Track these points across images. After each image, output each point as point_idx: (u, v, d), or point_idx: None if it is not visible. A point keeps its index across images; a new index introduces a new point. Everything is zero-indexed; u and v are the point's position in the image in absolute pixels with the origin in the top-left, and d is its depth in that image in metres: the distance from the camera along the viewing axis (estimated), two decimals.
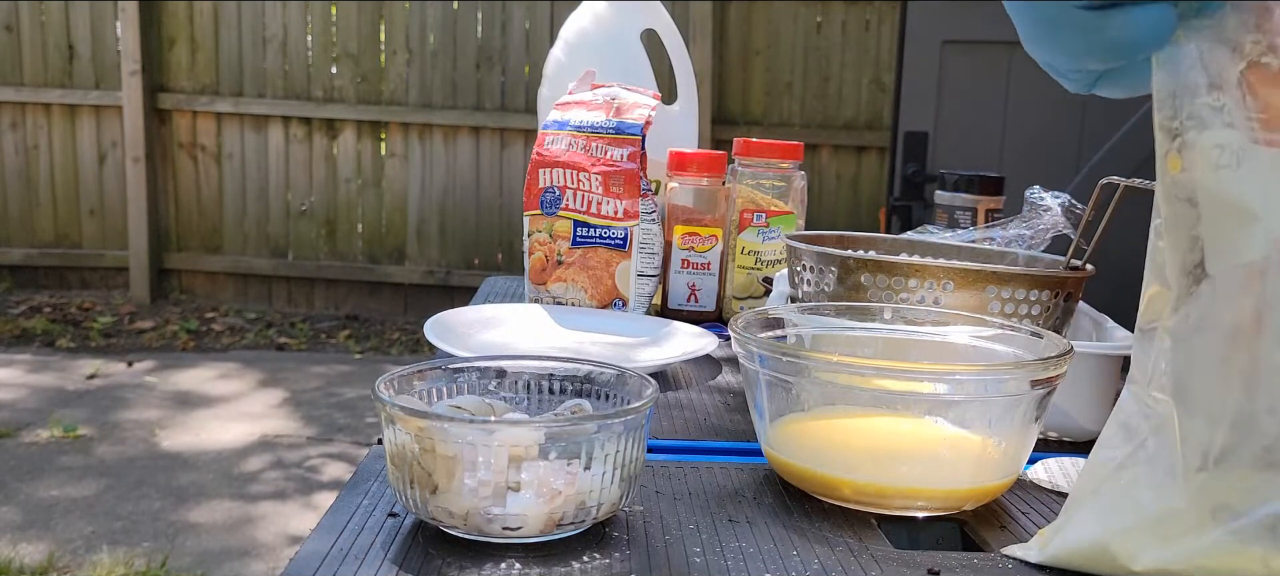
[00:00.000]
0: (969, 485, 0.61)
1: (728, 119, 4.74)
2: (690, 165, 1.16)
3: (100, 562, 2.40)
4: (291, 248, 4.91)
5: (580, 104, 1.14)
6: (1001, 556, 0.56)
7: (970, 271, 0.76)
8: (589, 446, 0.53)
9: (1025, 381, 0.59)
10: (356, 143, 4.83)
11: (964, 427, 0.61)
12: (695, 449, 0.74)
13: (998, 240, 0.91)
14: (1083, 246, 0.80)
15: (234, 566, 2.44)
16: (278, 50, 4.77)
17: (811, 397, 0.63)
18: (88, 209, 4.86)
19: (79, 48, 4.74)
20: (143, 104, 4.67)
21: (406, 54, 4.77)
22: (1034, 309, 0.76)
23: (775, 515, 0.61)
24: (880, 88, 4.72)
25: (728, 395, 0.88)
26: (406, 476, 0.54)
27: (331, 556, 0.53)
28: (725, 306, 1.18)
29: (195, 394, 3.69)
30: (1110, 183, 0.74)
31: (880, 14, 4.68)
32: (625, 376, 0.62)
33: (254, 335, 4.54)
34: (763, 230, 1.15)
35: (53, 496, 2.77)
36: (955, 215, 1.20)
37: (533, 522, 0.53)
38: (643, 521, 0.59)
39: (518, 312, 1.06)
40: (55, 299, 4.79)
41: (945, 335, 0.71)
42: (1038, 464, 0.71)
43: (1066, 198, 0.91)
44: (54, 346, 4.24)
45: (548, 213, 1.10)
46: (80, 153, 4.82)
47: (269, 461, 3.09)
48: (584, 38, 1.36)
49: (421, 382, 0.61)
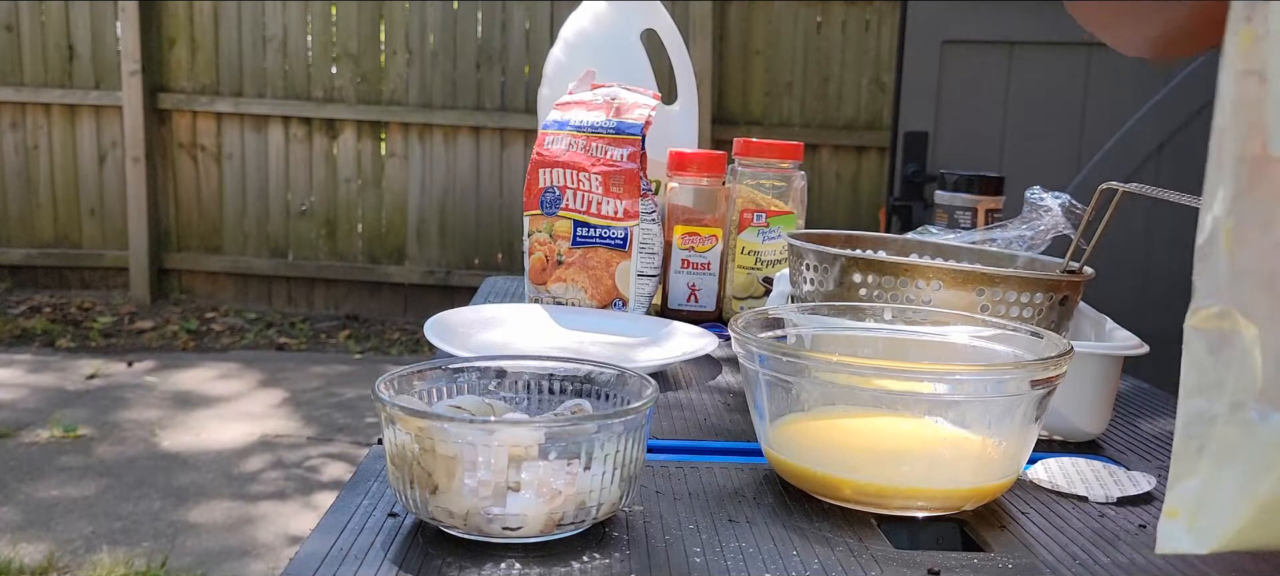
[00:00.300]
0: (969, 485, 0.61)
1: (728, 119, 4.74)
2: (690, 165, 1.16)
3: (100, 562, 2.40)
4: (291, 248, 4.91)
5: (580, 104, 1.14)
6: (1002, 556, 0.56)
7: (972, 273, 0.76)
8: (589, 446, 0.53)
9: (1025, 381, 0.59)
10: (356, 143, 4.83)
11: (964, 427, 0.61)
12: (695, 449, 0.74)
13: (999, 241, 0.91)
14: (1082, 246, 0.80)
15: (234, 566, 2.44)
16: (278, 50, 4.77)
17: (811, 397, 0.63)
18: (88, 209, 4.86)
19: (79, 48, 4.74)
20: (143, 104, 4.67)
21: (406, 54, 4.77)
22: (1027, 311, 0.76)
23: (775, 515, 0.61)
24: (880, 88, 4.72)
25: (728, 395, 0.88)
26: (406, 476, 0.54)
27: (331, 556, 0.53)
28: (725, 306, 1.18)
29: (195, 394, 3.69)
30: (1109, 188, 0.74)
31: (880, 14, 4.68)
32: (625, 376, 0.62)
33: (254, 335, 4.54)
34: (763, 230, 1.15)
35: (53, 496, 2.77)
36: (955, 215, 1.20)
37: (533, 522, 0.53)
38: (643, 521, 0.59)
39: (518, 313, 1.06)
40: (55, 299, 4.79)
41: (945, 335, 0.71)
42: (1038, 464, 0.71)
43: (1067, 198, 0.90)
44: (54, 346, 4.24)
45: (548, 213, 1.10)
46: (80, 153, 4.81)
47: (269, 461, 3.09)
48: (584, 38, 1.36)
49: (421, 382, 0.61)
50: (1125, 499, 0.66)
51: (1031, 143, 2.43)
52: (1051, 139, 2.42)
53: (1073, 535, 0.60)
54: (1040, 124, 2.43)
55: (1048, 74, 2.41)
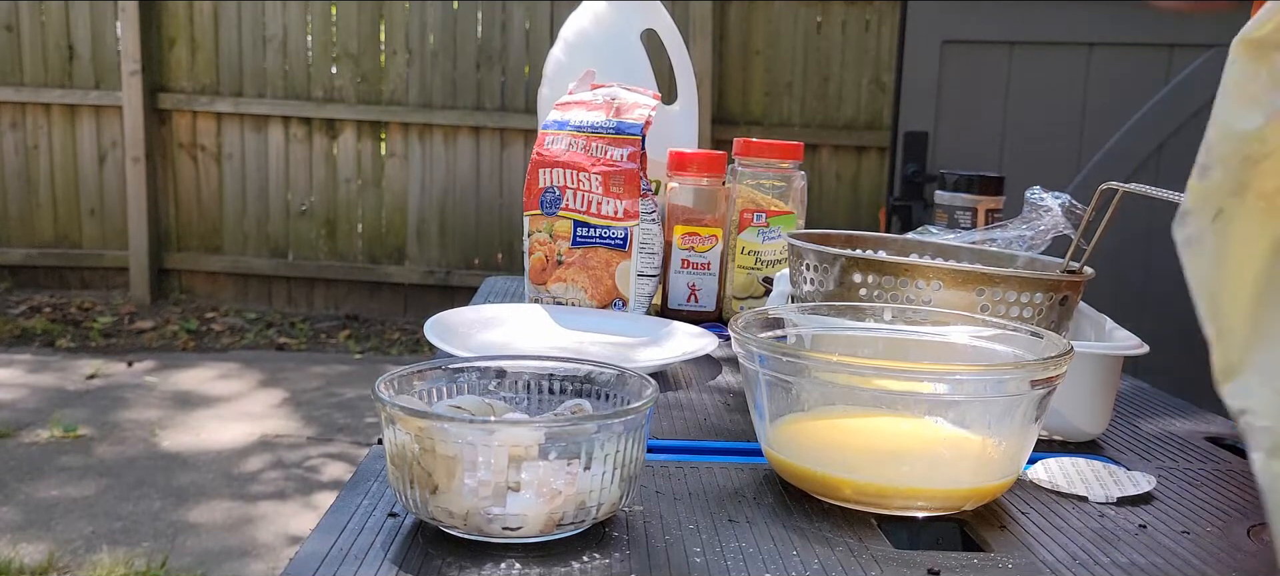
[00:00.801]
0: (969, 485, 0.61)
1: (728, 119, 4.74)
2: (690, 165, 1.16)
3: (100, 562, 2.40)
4: (291, 248, 4.91)
5: (580, 104, 1.14)
6: (1002, 556, 0.56)
7: (972, 273, 0.76)
8: (589, 446, 0.53)
9: (1025, 381, 0.59)
10: (356, 143, 4.83)
11: (964, 427, 0.61)
12: (695, 449, 0.74)
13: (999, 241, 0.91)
14: (1082, 246, 0.80)
15: (234, 566, 2.44)
16: (278, 50, 4.77)
17: (811, 397, 0.63)
18: (88, 209, 4.86)
19: (79, 48, 4.74)
20: (143, 104, 4.67)
21: (406, 54, 4.77)
22: (1026, 311, 0.76)
23: (775, 515, 0.61)
24: (880, 88, 4.72)
25: (728, 395, 0.88)
26: (406, 476, 0.54)
27: (331, 556, 0.53)
28: (725, 306, 1.18)
29: (195, 394, 3.69)
30: (1110, 188, 0.74)
31: (880, 14, 4.68)
32: (625, 376, 0.62)
33: (254, 335, 4.54)
34: (763, 230, 1.15)
35: (53, 496, 2.77)
36: (955, 215, 1.20)
37: (533, 522, 0.53)
38: (643, 521, 0.59)
39: (518, 313, 1.06)
40: (55, 299, 4.79)
41: (945, 335, 0.71)
42: (1038, 464, 0.71)
43: (1067, 198, 0.90)
44: (54, 346, 4.24)
45: (548, 213, 1.10)
46: (80, 153, 4.81)
47: (269, 461, 3.09)
48: (584, 38, 1.36)
49: (421, 382, 0.61)
50: (1125, 499, 0.66)
51: (1031, 143, 2.43)
52: (1051, 139, 2.42)
53: (1073, 535, 0.60)
54: (1040, 124, 2.43)
55: (1048, 74, 2.41)
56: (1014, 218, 0.93)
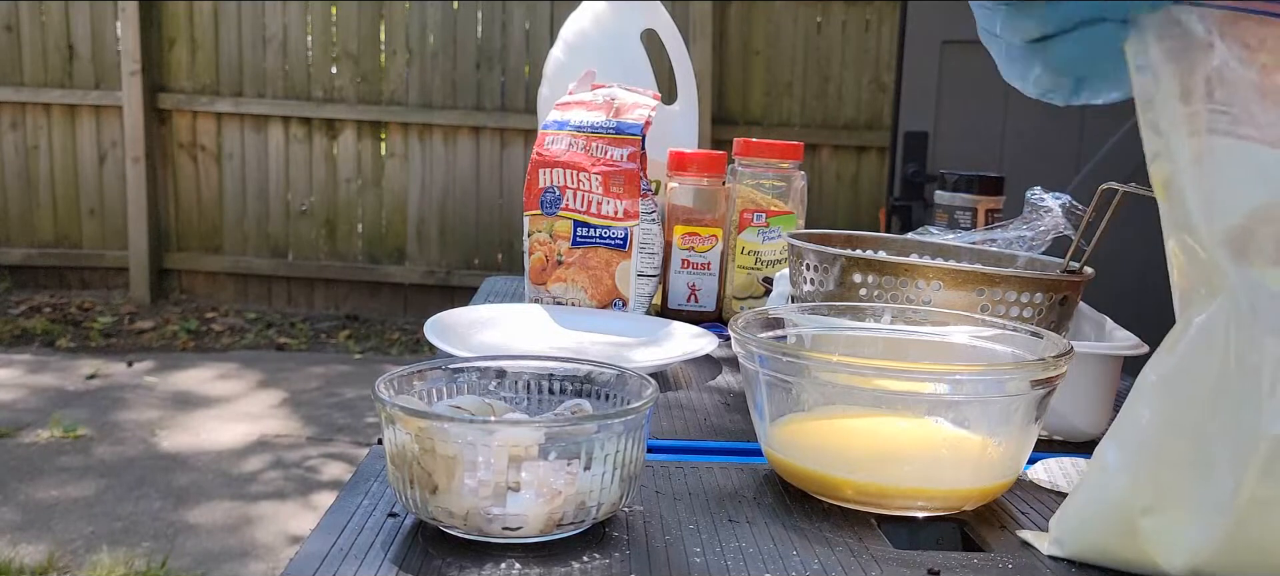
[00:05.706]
0: (969, 485, 0.61)
1: (728, 119, 4.74)
2: (690, 165, 1.16)
3: (100, 562, 2.40)
4: (291, 248, 4.91)
5: (580, 104, 1.14)
6: (1002, 556, 0.56)
7: (972, 273, 0.76)
8: (589, 446, 0.53)
9: (1025, 381, 0.59)
10: (356, 143, 4.83)
11: (964, 428, 0.61)
12: (695, 449, 0.74)
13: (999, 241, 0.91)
14: (1082, 246, 0.80)
15: (234, 566, 2.44)
16: (278, 50, 4.77)
17: (812, 398, 0.63)
18: (88, 209, 4.85)
19: (79, 48, 4.74)
20: (143, 104, 4.67)
21: (406, 54, 4.77)
22: (1027, 311, 0.76)
23: (775, 515, 0.61)
24: (880, 88, 4.72)
25: (728, 395, 0.88)
26: (406, 476, 0.54)
27: (331, 556, 0.53)
28: (725, 306, 1.18)
29: (195, 394, 3.69)
30: (1110, 188, 0.74)
31: (880, 14, 4.68)
32: (625, 376, 0.62)
33: (254, 335, 4.54)
34: (763, 230, 1.15)
35: (53, 496, 2.77)
36: (955, 215, 1.20)
37: (533, 522, 0.53)
38: (643, 521, 0.59)
39: (518, 313, 1.06)
40: (55, 299, 4.79)
41: (945, 335, 0.71)
42: (1038, 464, 0.71)
43: (1067, 198, 0.90)
44: (54, 346, 4.24)
45: (548, 213, 1.10)
46: (80, 153, 4.81)
47: (268, 461, 3.09)
48: (584, 38, 1.36)
49: (421, 382, 0.61)
50: None
51: (1031, 143, 2.43)
52: (1051, 139, 2.42)
53: None
54: (1040, 124, 2.42)
55: None
56: (1014, 218, 0.93)
